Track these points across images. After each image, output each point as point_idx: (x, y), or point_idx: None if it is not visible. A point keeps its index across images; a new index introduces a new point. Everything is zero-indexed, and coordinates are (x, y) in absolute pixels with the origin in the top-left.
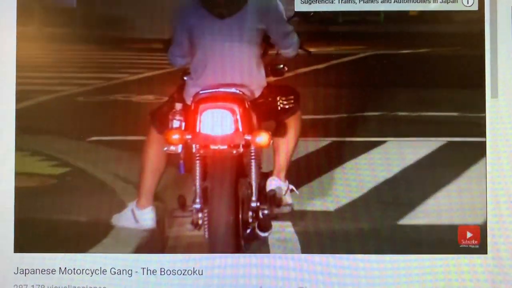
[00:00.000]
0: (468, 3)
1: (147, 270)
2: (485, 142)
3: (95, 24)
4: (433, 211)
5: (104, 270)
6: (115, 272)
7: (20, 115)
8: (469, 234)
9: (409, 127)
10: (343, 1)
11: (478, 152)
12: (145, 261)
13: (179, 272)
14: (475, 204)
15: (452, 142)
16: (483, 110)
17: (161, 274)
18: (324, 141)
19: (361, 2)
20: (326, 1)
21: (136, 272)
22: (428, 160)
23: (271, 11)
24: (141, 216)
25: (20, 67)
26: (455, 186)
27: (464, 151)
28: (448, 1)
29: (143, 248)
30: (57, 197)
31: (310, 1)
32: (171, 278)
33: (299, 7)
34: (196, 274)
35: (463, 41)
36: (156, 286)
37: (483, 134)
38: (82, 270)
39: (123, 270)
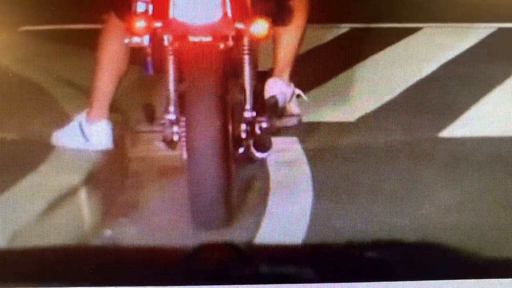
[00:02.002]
0: None
1: None
2: None
3: None
4: (484, 119)
5: None
6: None
7: None
8: None
9: (448, 9)
10: None
11: None
12: None
13: None
14: None
15: (503, 28)
16: None
17: None
18: (341, 28)
19: None
20: None
21: None
22: (475, 53)
23: None
24: (93, 133)
25: None
26: (509, 86)
27: None
28: None
29: (96, 176)
30: None
31: None
32: None
33: None
34: None
35: None
36: None
37: None
38: None
39: None
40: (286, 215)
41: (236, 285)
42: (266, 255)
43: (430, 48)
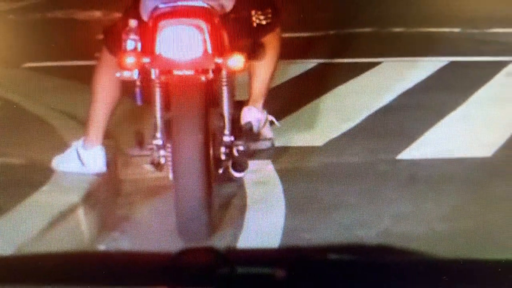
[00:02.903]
0: None
1: None
2: (494, 61)
3: None
4: (437, 142)
5: None
6: None
7: None
8: None
9: (406, 45)
10: None
11: (486, 72)
12: None
13: None
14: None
15: (454, 62)
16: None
17: None
18: (309, 64)
19: None
20: None
21: None
22: (429, 84)
23: None
24: (88, 157)
25: None
26: (461, 114)
27: (469, 72)
28: None
29: (92, 196)
30: None
31: None
32: None
33: None
34: None
35: None
36: None
37: (490, 52)
38: None
39: None
40: (262, 228)
41: None
42: (243, 258)
43: (389, 80)
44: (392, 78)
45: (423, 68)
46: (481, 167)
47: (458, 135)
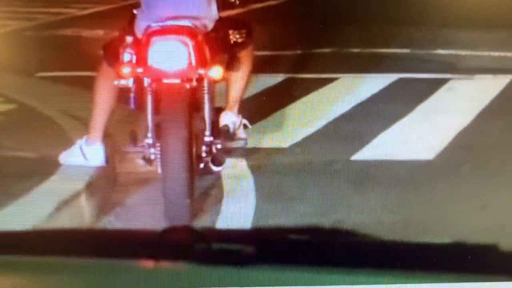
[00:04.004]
0: None
1: None
2: (437, 78)
3: None
4: (386, 145)
5: None
6: None
7: None
8: None
9: (361, 63)
10: None
11: (429, 87)
12: None
13: None
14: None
15: (403, 78)
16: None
17: None
18: (278, 78)
19: None
20: None
21: None
22: (381, 95)
23: None
24: (90, 153)
25: None
26: (408, 122)
27: (415, 87)
28: None
29: (93, 185)
30: (4, 134)
31: None
32: None
33: None
34: None
35: None
36: None
37: (434, 70)
38: None
39: None
40: (235, 213)
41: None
42: (218, 237)
43: (345, 93)
44: (348, 91)
45: (376, 83)
46: (423, 168)
47: (404, 140)
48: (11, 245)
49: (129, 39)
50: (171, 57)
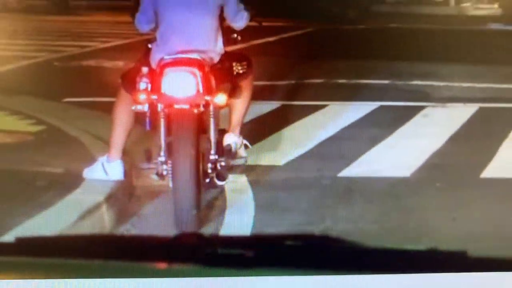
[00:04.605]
0: None
1: None
2: (414, 106)
3: None
4: (369, 164)
5: None
6: None
7: (2, 78)
8: None
9: (348, 92)
10: None
11: (407, 114)
12: None
13: None
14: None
15: (383, 106)
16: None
17: None
18: (275, 104)
19: None
20: None
21: None
22: (365, 121)
23: None
24: (110, 169)
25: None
26: (388, 144)
27: (395, 113)
28: None
29: (112, 197)
30: (34, 152)
31: None
32: None
33: None
34: None
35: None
36: None
37: (411, 99)
38: None
39: None
40: (237, 223)
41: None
42: (222, 242)
43: (333, 118)
44: (336, 117)
45: (360, 109)
46: (401, 184)
47: (385, 160)
48: (40, 248)
49: (145, 69)
50: (182, 85)
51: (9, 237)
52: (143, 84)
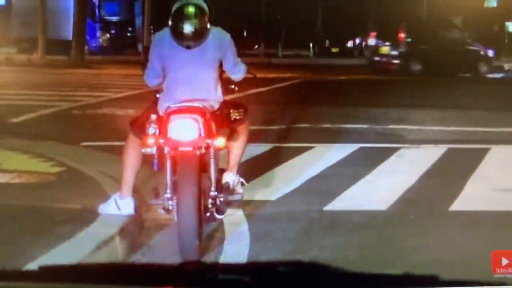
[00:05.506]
0: None
1: None
2: (390, 147)
3: (87, 53)
4: (351, 198)
5: None
6: None
7: (26, 125)
8: None
9: (332, 135)
10: None
11: (383, 154)
12: None
13: None
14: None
15: (363, 147)
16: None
17: None
18: (268, 146)
19: None
20: None
21: None
22: (345, 161)
23: (226, 45)
24: (123, 205)
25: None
26: (367, 181)
27: (373, 153)
28: None
29: (124, 230)
30: (55, 190)
31: None
32: None
33: None
34: None
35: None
36: None
37: (387, 141)
38: None
39: None
40: (235, 251)
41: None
42: (222, 269)
43: (319, 158)
44: (321, 157)
45: (342, 150)
46: (379, 216)
47: (365, 195)
48: (61, 276)
49: (153, 116)
50: (186, 130)
51: (33, 265)
52: (152, 129)
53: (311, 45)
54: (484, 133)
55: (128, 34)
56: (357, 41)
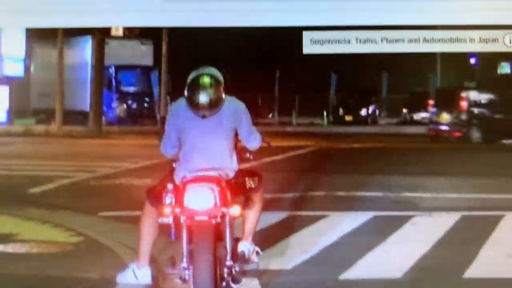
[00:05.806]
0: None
1: None
2: (404, 215)
3: (104, 123)
4: (366, 267)
5: None
6: None
7: (45, 195)
8: None
9: (345, 204)
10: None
11: (397, 223)
12: None
13: None
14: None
15: (377, 215)
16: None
17: None
18: (282, 214)
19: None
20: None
21: None
22: (360, 229)
23: (241, 114)
24: (140, 274)
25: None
26: (381, 249)
27: (387, 222)
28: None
29: None
30: (74, 260)
31: (321, 42)
32: None
33: (309, 48)
34: None
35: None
36: None
37: (401, 209)
38: None
39: None
40: None
41: None
42: None
43: (334, 227)
44: (336, 226)
45: (356, 219)
46: (393, 285)
47: (379, 263)
48: None
49: (170, 186)
50: (202, 199)
51: None
52: (168, 198)
53: (325, 113)
54: None
55: (145, 105)
56: (371, 109)
